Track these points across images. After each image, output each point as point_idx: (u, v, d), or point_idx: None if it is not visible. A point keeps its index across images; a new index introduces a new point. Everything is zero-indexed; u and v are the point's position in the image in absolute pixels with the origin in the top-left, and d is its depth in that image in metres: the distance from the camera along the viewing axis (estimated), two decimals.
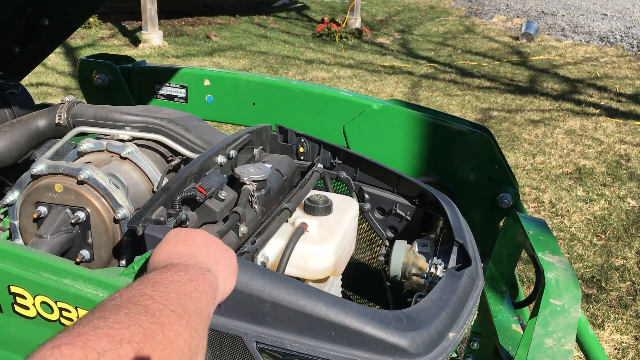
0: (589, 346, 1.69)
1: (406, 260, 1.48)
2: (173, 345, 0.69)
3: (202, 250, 0.93)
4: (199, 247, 0.94)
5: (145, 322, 0.68)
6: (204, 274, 0.86)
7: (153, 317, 0.70)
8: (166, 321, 0.70)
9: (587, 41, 10.24)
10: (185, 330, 0.73)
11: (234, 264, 0.96)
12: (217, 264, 0.91)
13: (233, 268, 0.95)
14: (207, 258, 0.92)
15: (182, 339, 0.71)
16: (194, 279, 0.82)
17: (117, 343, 0.62)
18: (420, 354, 0.99)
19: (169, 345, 0.68)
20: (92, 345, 0.61)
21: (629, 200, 4.40)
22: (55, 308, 1.06)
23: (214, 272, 0.89)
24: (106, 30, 9.57)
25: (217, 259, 0.93)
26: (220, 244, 0.98)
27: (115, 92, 2.36)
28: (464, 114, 6.29)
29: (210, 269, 0.89)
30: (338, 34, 9.93)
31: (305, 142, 1.70)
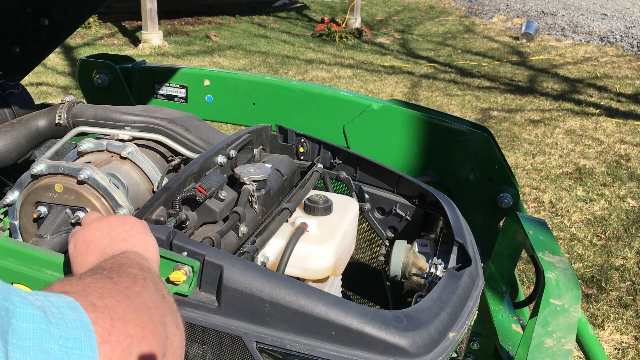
0: (589, 346, 1.69)
1: (406, 260, 1.48)
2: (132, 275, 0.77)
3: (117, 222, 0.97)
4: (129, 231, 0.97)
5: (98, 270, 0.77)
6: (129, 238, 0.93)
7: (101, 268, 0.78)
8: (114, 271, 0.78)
9: (587, 41, 10.24)
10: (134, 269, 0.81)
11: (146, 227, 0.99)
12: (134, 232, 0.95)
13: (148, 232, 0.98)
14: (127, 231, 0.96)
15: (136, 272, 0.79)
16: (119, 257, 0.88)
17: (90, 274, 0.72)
18: (420, 354, 0.99)
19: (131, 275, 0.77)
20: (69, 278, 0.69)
21: (629, 200, 4.40)
22: None
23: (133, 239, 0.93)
24: (106, 30, 9.57)
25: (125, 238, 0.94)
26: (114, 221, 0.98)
27: (115, 92, 2.36)
28: (464, 114, 6.29)
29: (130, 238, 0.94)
30: (338, 34, 9.93)
31: (305, 142, 1.70)
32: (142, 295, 0.71)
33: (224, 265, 1.02)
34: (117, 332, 0.60)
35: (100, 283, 0.68)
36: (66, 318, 0.56)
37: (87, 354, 0.55)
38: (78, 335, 0.56)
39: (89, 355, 0.56)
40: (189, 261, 1.02)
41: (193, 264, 1.01)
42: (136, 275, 0.77)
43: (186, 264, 1.01)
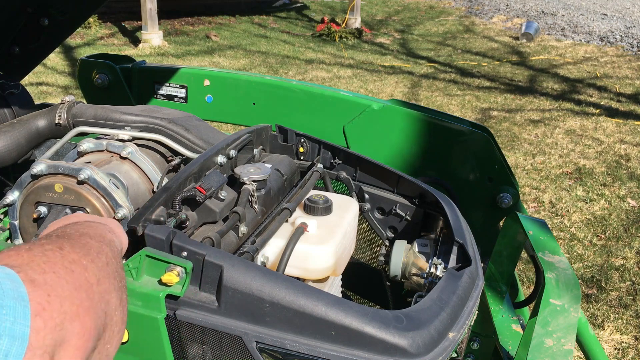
0: (589, 346, 1.69)
1: (406, 260, 1.48)
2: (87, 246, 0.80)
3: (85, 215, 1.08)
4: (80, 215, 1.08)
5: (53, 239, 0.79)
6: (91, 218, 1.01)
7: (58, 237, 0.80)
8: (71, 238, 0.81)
9: (587, 41, 10.24)
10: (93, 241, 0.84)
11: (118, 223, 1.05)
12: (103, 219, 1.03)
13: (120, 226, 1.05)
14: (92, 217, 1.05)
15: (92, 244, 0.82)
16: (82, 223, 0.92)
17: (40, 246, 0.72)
18: (420, 354, 0.99)
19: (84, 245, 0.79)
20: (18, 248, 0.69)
21: (629, 200, 4.40)
22: None
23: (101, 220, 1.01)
24: (106, 30, 9.57)
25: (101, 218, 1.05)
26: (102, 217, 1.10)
27: (115, 92, 2.36)
28: (464, 114, 6.29)
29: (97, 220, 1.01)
30: (338, 33, 9.94)
31: (305, 142, 1.70)
32: (87, 270, 0.72)
33: (223, 265, 1.02)
34: (51, 308, 0.62)
35: (46, 255, 0.69)
36: (4, 287, 0.58)
37: (20, 321, 0.57)
38: (13, 304, 0.58)
39: (22, 324, 0.58)
40: (182, 262, 1.02)
41: (186, 265, 1.02)
42: (91, 247, 0.80)
43: (179, 265, 1.01)
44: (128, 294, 0.99)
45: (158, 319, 1.01)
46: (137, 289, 1.02)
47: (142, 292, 1.02)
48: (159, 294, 1.01)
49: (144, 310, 1.01)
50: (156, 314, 1.01)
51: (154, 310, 1.01)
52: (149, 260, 1.03)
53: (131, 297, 1.00)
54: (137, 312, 1.01)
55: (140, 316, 1.01)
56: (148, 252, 1.03)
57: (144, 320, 1.02)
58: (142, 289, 1.02)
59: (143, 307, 1.02)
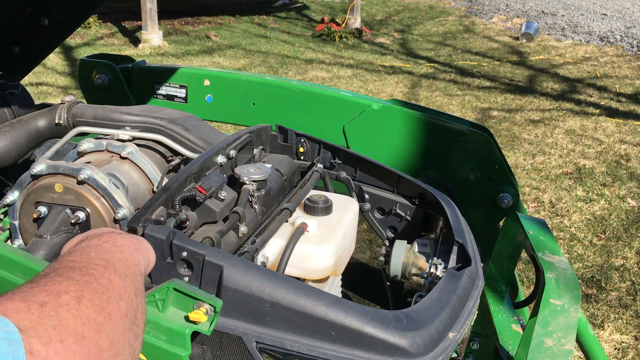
0: (589, 346, 1.69)
1: (406, 260, 1.48)
2: (109, 290, 0.71)
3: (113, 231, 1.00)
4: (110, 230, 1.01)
5: (76, 276, 0.70)
6: (119, 234, 0.91)
7: (82, 271, 0.72)
8: (95, 272, 0.73)
9: (587, 41, 10.24)
10: (116, 277, 0.76)
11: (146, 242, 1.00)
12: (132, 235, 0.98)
13: (147, 243, 1.00)
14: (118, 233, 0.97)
15: (115, 284, 0.74)
16: (109, 239, 0.87)
17: (55, 295, 0.64)
18: (420, 354, 0.99)
19: (105, 290, 0.71)
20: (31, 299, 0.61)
21: (628, 200, 4.40)
22: None
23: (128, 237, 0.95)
24: (106, 30, 9.57)
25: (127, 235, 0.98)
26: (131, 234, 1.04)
27: (115, 92, 2.36)
28: (464, 114, 6.29)
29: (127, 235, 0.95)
30: (338, 33, 9.94)
31: (305, 142, 1.70)
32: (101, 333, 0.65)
33: (223, 265, 1.02)
34: None
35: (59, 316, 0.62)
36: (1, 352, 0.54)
37: None
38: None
39: None
40: (211, 300, 0.98)
41: (215, 303, 0.97)
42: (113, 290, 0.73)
43: (206, 303, 0.97)
44: (152, 326, 0.96)
45: (182, 357, 0.96)
46: (163, 323, 0.97)
47: (168, 327, 0.96)
48: (185, 330, 0.96)
49: (168, 345, 0.96)
50: (181, 352, 0.96)
51: (179, 347, 0.96)
52: (176, 294, 0.99)
53: (156, 330, 0.96)
54: (160, 347, 0.96)
55: (164, 351, 0.96)
56: (176, 286, 0.98)
57: (167, 356, 0.97)
58: (168, 324, 0.97)
59: (167, 343, 0.97)
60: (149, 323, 0.96)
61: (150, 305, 0.98)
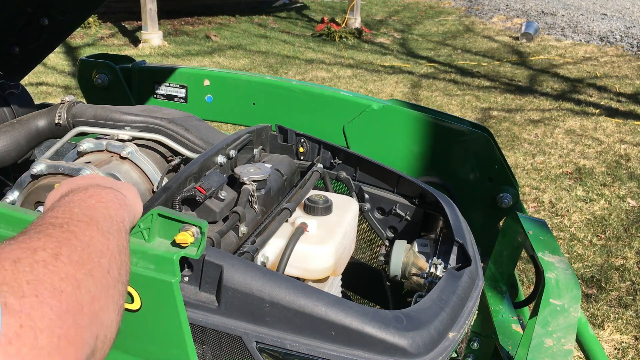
0: (589, 346, 1.69)
1: (406, 260, 1.48)
2: (90, 247, 0.69)
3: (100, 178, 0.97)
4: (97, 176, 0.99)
5: (56, 233, 0.68)
6: (105, 188, 0.88)
7: (62, 228, 0.70)
8: (76, 229, 0.71)
9: (587, 41, 10.24)
10: (98, 234, 0.73)
11: (135, 190, 0.98)
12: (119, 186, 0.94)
13: (136, 193, 0.97)
14: (107, 181, 0.95)
15: (97, 241, 0.72)
16: (94, 194, 0.84)
17: (32, 251, 0.61)
18: (420, 354, 0.99)
19: (86, 247, 0.69)
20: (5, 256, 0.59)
21: (628, 200, 4.40)
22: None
23: (116, 188, 0.91)
24: (106, 30, 9.57)
25: (118, 183, 0.96)
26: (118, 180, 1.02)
27: (115, 92, 2.36)
28: (464, 114, 6.29)
29: (113, 187, 0.91)
30: (338, 33, 9.94)
31: (305, 142, 1.70)
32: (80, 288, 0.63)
33: (223, 265, 1.02)
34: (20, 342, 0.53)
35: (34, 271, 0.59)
36: None
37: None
38: None
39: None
40: (197, 221, 0.96)
41: (201, 224, 0.96)
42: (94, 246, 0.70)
43: (193, 225, 0.96)
44: (140, 256, 0.94)
45: (172, 283, 0.95)
46: (150, 251, 0.95)
47: (155, 254, 0.95)
48: (172, 256, 0.95)
49: (157, 274, 0.95)
50: (170, 278, 0.95)
51: (168, 273, 0.95)
52: (162, 220, 0.97)
53: (143, 260, 0.95)
54: (149, 276, 0.95)
55: (154, 280, 0.95)
56: (160, 211, 0.97)
57: (157, 284, 0.95)
58: (155, 251, 0.95)
59: (156, 271, 0.95)
60: (136, 254, 0.95)
61: (135, 236, 0.97)
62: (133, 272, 0.91)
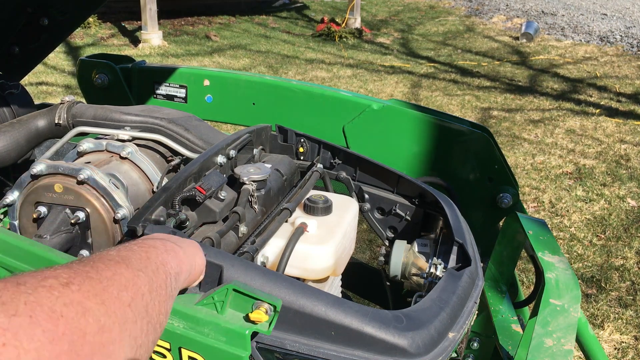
0: (589, 346, 1.69)
1: (406, 260, 1.48)
2: (110, 280, 0.68)
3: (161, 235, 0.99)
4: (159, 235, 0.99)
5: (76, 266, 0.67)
6: (156, 240, 0.89)
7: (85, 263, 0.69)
8: (101, 265, 0.69)
9: (587, 41, 10.24)
10: (126, 271, 0.72)
11: (196, 244, 1.00)
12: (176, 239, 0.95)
13: (196, 246, 0.99)
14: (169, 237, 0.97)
15: (120, 276, 0.70)
16: (139, 241, 0.85)
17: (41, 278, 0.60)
18: (420, 354, 0.99)
19: (105, 279, 0.67)
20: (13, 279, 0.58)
21: (628, 200, 4.40)
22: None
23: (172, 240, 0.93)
24: (106, 30, 9.57)
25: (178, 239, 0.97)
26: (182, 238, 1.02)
27: (115, 92, 2.36)
28: (464, 114, 6.29)
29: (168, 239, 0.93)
30: (338, 33, 9.94)
31: (305, 142, 1.70)
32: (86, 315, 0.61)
33: (223, 265, 1.02)
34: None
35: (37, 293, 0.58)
36: None
37: None
38: None
39: None
40: (271, 300, 0.97)
41: (276, 303, 0.96)
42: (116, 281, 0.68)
43: (266, 302, 0.96)
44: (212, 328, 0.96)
45: (243, 357, 0.96)
46: (222, 324, 0.96)
47: (228, 328, 0.96)
48: (244, 331, 0.95)
49: (227, 347, 0.96)
50: (241, 352, 0.96)
51: (239, 347, 0.96)
52: (235, 295, 0.98)
53: (215, 332, 0.96)
54: (220, 348, 0.96)
55: (224, 352, 0.96)
56: (236, 287, 0.97)
57: (227, 357, 0.96)
58: (228, 325, 0.96)
59: (227, 344, 0.96)
60: (209, 325, 0.96)
61: (208, 307, 0.98)
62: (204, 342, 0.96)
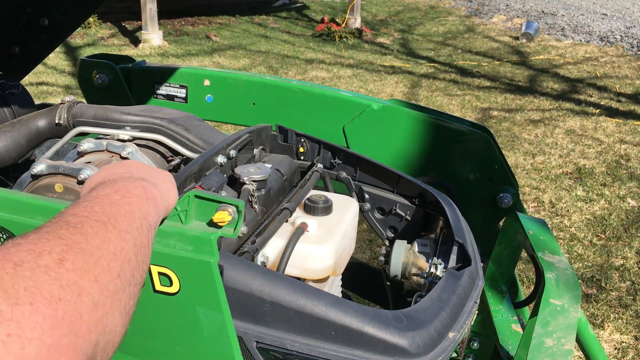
0: (589, 346, 1.69)
1: (406, 260, 1.48)
2: (101, 250, 0.68)
3: (136, 167, 0.96)
4: (133, 165, 0.97)
5: (67, 234, 0.67)
6: (134, 181, 0.87)
7: (75, 229, 0.69)
8: (90, 230, 0.70)
9: (587, 41, 10.24)
10: (113, 235, 0.72)
11: (170, 178, 0.98)
12: (153, 176, 0.93)
13: (171, 181, 0.97)
14: (141, 172, 0.94)
15: (109, 244, 0.70)
16: (121, 188, 0.83)
17: (36, 255, 0.61)
18: (420, 353, 0.99)
19: (96, 251, 0.68)
20: (10, 258, 0.59)
21: (628, 200, 4.40)
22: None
23: (149, 179, 0.90)
24: (106, 30, 9.57)
25: (152, 172, 0.95)
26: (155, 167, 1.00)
27: (115, 92, 2.36)
28: (464, 114, 6.29)
29: (145, 178, 0.90)
30: (338, 33, 9.94)
31: (305, 142, 1.70)
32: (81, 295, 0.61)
33: (223, 265, 1.02)
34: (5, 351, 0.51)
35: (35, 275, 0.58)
36: None
37: None
38: None
39: None
40: (233, 201, 0.96)
41: (238, 203, 0.96)
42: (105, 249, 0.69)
43: (231, 204, 0.96)
44: (177, 238, 0.95)
45: (211, 263, 0.96)
46: (187, 233, 0.96)
47: (193, 235, 0.96)
48: (210, 235, 0.95)
49: (195, 254, 0.96)
50: (208, 258, 0.95)
51: (206, 254, 0.96)
52: (198, 202, 0.97)
53: (181, 242, 0.95)
54: (187, 257, 0.95)
55: (192, 261, 0.96)
56: (197, 193, 0.98)
57: (195, 265, 0.96)
58: (193, 232, 0.96)
59: (194, 252, 0.96)
60: (173, 236, 0.96)
61: (172, 219, 0.98)
62: (171, 254, 0.93)
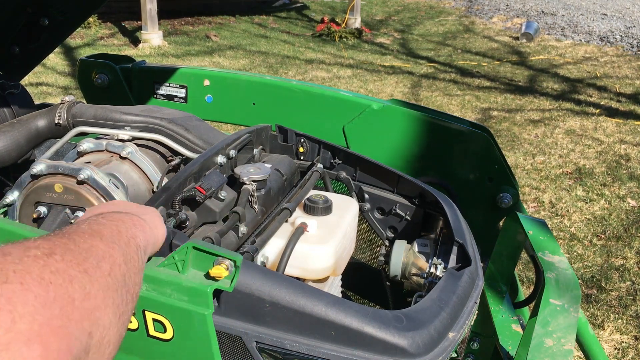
0: (589, 346, 1.69)
1: (406, 260, 1.48)
2: (88, 252, 0.69)
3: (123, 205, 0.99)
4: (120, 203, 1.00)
5: (54, 238, 0.68)
6: (121, 213, 0.88)
7: (62, 235, 0.70)
8: (77, 237, 0.71)
9: (587, 41, 10.24)
10: (101, 243, 0.73)
11: (157, 214, 0.99)
12: (140, 212, 0.95)
13: (158, 216, 0.98)
14: (128, 208, 0.96)
15: (97, 249, 0.71)
16: (107, 216, 0.84)
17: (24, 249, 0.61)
18: (420, 353, 0.99)
19: (83, 251, 0.68)
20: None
21: (628, 200, 4.40)
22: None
23: (137, 214, 0.91)
24: (106, 30, 9.57)
25: (140, 208, 0.98)
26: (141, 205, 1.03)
27: (115, 92, 2.36)
28: (464, 114, 6.29)
29: (133, 213, 0.91)
30: (338, 33, 9.94)
31: (305, 142, 1.70)
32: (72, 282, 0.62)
33: None
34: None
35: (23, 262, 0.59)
36: None
37: None
38: None
39: None
40: (231, 255, 0.96)
41: (235, 258, 0.96)
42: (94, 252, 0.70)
43: (227, 258, 0.96)
44: (174, 288, 0.95)
45: (206, 315, 0.96)
46: (184, 283, 0.96)
47: (189, 286, 0.96)
48: (206, 288, 0.96)
49: (190, 305, 0.96)
50: (203, 310, 0.96)
51: (202, 305, 0.96)
52: (196, 253, 0.98)
53: (177, 292, 0.96)
54: (182, 308, 0.96)
55: (187, 312, 0.96)
56: (195, 244, 0.98)
57: (190, 316, 0.97)
58: (189, 283, 0.96)
59: (190, 303, 0.96)
60: (170, 285, 0.96)
61: (170, 267, 0.98)
62: (166, 303, 0.94)
